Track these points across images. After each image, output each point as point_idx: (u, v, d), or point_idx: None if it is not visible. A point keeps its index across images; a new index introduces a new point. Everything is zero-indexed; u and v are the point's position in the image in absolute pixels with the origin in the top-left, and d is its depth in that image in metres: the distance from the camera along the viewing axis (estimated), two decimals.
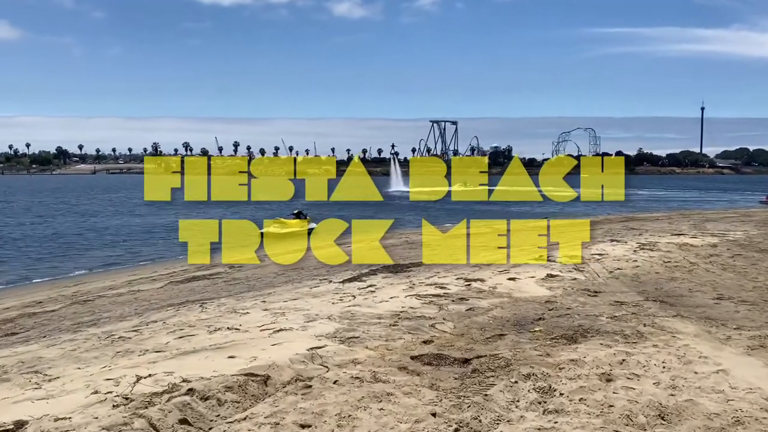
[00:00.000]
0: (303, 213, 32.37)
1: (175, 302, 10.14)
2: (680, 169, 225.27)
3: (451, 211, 47.33)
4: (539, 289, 10.08)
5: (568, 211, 46.30)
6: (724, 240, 16.98)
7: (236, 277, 13.05)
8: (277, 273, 13.32)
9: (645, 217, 32.72)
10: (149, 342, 7.13)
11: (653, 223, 25.83)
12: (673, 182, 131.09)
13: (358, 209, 48.57)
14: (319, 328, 7.41)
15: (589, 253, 14.03)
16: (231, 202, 58.32)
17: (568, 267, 12.10)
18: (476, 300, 9.14)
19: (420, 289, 10.01)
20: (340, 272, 12.71)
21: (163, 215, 42.27)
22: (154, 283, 13.24)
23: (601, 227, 24.21)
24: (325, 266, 14.10)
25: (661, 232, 20.65)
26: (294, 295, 9.82)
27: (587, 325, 7.63)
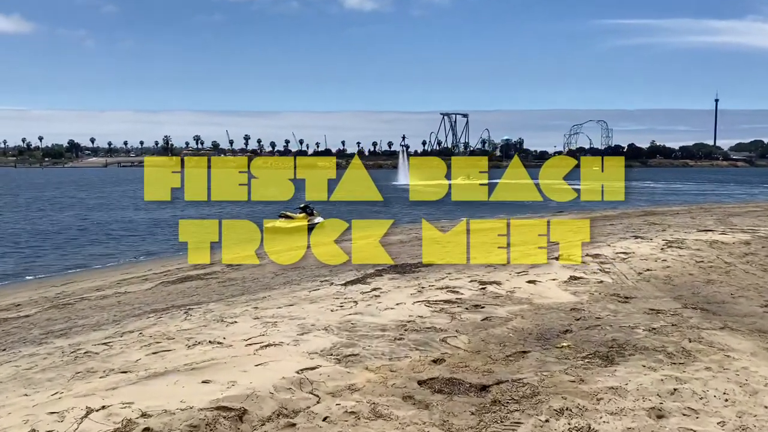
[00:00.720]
0: (310, 207, 31.42)
1: (159, 307, 9.22)
2: (693, 161, 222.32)
3: (461, 205, 46.24)
4: (563, 294, 9.05)
5: (581, 205, 45.08)
6: (756, 237, 15.83)
7: (232, 278, 12.12)
8: (276, 273, 12.37)
9: (664, 210, 31.50)
10: (117, 359, 6.19)
11: (674, 218, 24.64)
12: (688, 175, 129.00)
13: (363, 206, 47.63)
14: (314, 343, 6.44)
15: (612, 252, 12.97)
16: None
17: (592, 268, 11.05)
18: (493, 307, 8.13)
19: (429, 293, 9.02)
20: (344, 272, 11.74)
21: (168, 210, 41.48)
22: (144, 283, 12.34)
23: (620, 222, 23.08)
24: (327, 266, 13.14)
25: (685, 227, 19.50)
26: (290, 300, 8.86)
27: (622, 340, 6.61)
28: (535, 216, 29.19)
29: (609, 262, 11.71)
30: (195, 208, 42.79)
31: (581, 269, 10.89)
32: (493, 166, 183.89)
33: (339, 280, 10.63)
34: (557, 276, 10.23)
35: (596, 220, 25.56)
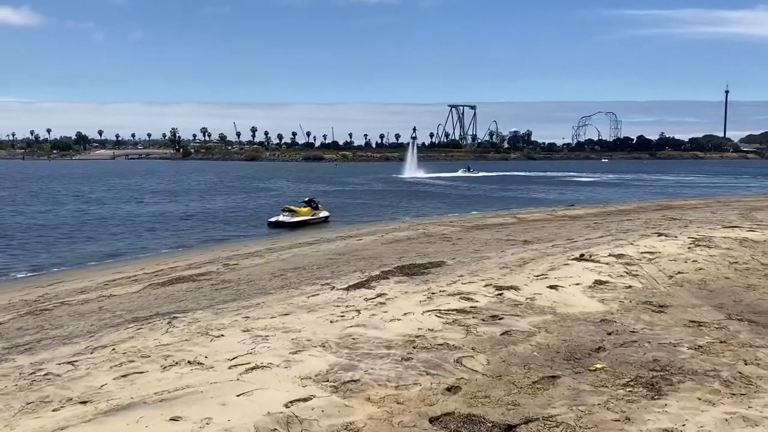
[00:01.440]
0: (314, 200, 30.50)
1: (142, 315, 8.36)
2: (703, 153, 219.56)
3: (470, 198, 45.29)
4: (589, 301, 8.13)
5: (594, 197, 44.07)
6: None
7: (226, 279, 11.25)
8: (274, 274, 11.50)
9: (681, 204, 30.46)
10: (79, 384, 5.33)
11: (694, 213, 23.62)
12: (699, 167, 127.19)
13: (373, 196, 46.75)
14: (308, 365, 5.56)
15: (637, 251, 12.01)
16: (241, 188, 56.90)
17: (618, 270, 10.11)
18: (512, 318, 7.22)
19: (441, 300, 8.11)
20: (347, 274, 10.86)
21: (174, 203, 40.74)
22: (132, 285, 11.49)
23: (638, 217, 22.09)
24: (330, 266, 12.26)
25: (708, 223, 18.50)
26: (285, 308, 7.98)
27: (665, 361, 5.70)
28: (548, 210, 28.22)
29: (635, 263, 10.76)
30: (200, 201, 42.05)
31: (606, 271, 9.96)
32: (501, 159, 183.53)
33: (341, 283, 9.74)
34: (581, 280, 9.30)
35: (611, 215, 24.59)
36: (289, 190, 56.60)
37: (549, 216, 24.34)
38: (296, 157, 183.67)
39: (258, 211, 34.99)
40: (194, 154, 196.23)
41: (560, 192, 52.46)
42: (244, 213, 34.30)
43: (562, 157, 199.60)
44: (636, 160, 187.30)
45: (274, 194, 49.78)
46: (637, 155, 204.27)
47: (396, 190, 56.57)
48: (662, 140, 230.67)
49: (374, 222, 27.15)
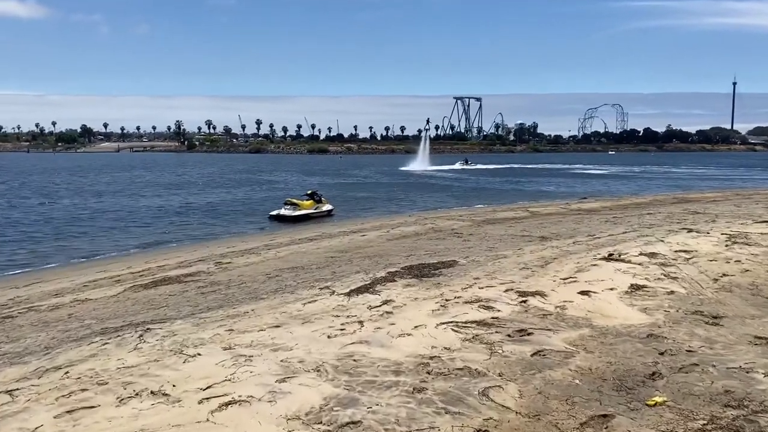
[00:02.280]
0: (318, 193, 29.37)
1: (113, 325, 7.29)
2: (710, 145, 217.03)
3: (477, 191, 44.09)
4: (629, 310, 7.01)
5: (606, 189, 42.82)
6: None
7: (216, 281, 10.17)
8: (269, 275, 10.41)
9: (698, 197, 29.21)
10: (11, 423, 4.26)
11: (716, 206, 22.42)
12: (708, 159, 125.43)
13: (377, 188, 45.60)
14: (298, 398, 4.48)
15: (670, 249, 10.87)
16: (241, 181, 55.84)
17: (654, 272, 8.98)
18: (543, 333, 6.11)
19: (456, 309, 7.01)
20: (349, 275, 9.77)
21: (174, 197, 39.73)
22: (112, 287, 10.42)
23: (658, 210, 20.91)
24: (330, 265, 11.17)
25: (735, 217, 17.32)
26: (277, 318, 6.90)
27: (740, 393, 4.59)
28: (561, 203, 27.03)
29: (671, 263, 9.62)
30: (201, 195, 41.01)
31: (641, 273, 8.82)
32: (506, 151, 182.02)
33: (342, 286, 8.65)
34: (614, 284, 8.17)
35: (628, 208, 23.41)
36: (293, 182, 55.52)
37: (563, 209, 23.18)
38: (301, 150, 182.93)
39: (259, 204, 33.91)
40: (199, 147, 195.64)
41: (570, 184, 51.17)
42: (245, 206, 33.22)
43: (568, 150, 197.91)
44: (643, 152, 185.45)
45: (276, 187, 48.71)
46: (644, 147, 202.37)
47: (401, 182, 55.41)
48: (669, 132, 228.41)
49: (379, 216, 26.04)
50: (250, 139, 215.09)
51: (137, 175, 66.15)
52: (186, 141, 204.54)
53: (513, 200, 33.78)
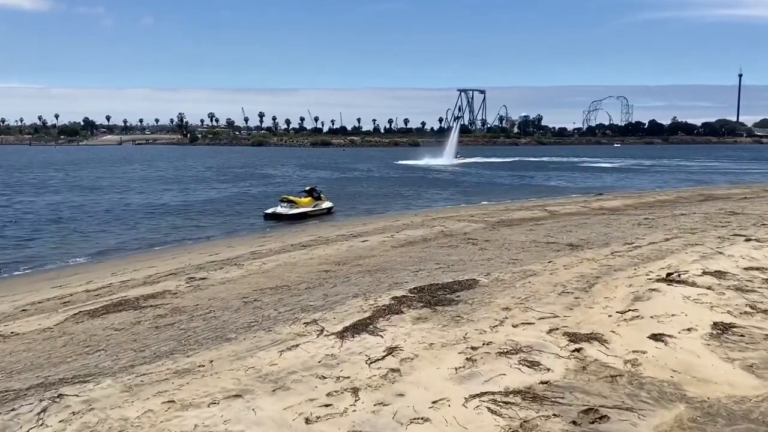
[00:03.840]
0: (316, 190, 27.43)
1: (18, 385, 5.38)
2: (716, 138, 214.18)
3: (484, 187, 42.06)
4: (730, 370, 5.04)
5: (622, 184, 40.77)
6: None
7: (180, 307, 8.23)
8: (246, 298, 8.45)
9: (725, 193, 27.14)
10: None
11: (752, 204, 20.41)
12: (718, 152, 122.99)
13: (381, 184, 43.62)
14: None
15: (737, 266, 8.91)
16: (240, 175, 53.91)
17: (733, 299, 7.01)
18: (622, 416, 4.15)
19: (488, 366, 5.07)
20: (344, 301, 7.83)
21: (169, 193, 37.83)
22: (53, 314, 8.47)
23: (691, 210, 18.89)
24: (323, 283, 9.21)
25: None
26: (239, 380, 4.97)
27: None
28: (579, 200, 24.99)
29: (748, 287, 7.64)
30: (196, 190, 39.11)
31: (719, 304, 6.85)
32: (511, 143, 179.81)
33: (334, 320, 6.72)
34: (692, 321, 6.21)
35: (654, 206, 21.40)
36: (293, 176, 53.62)
37: (583, 208, 21.17)
38: (304, 143, 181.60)
39: (257, 200, 32.00)
40: (201, 140, 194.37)
41: (582, 179, 49.09)
42: (242, 203, 31.31)
43: (572, 142, 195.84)
44: (648, 144, 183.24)
45: (276, 181, 46.81)
46: (649, 140, 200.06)
47: (404, 177, 53.44)
48: (674, 125, 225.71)
49: (382, 215, 24.09)
50: (252, 132, 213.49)
51: (132, 169, 64.28)
52: (188, 134, 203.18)
53: (525, 197, 31.80)
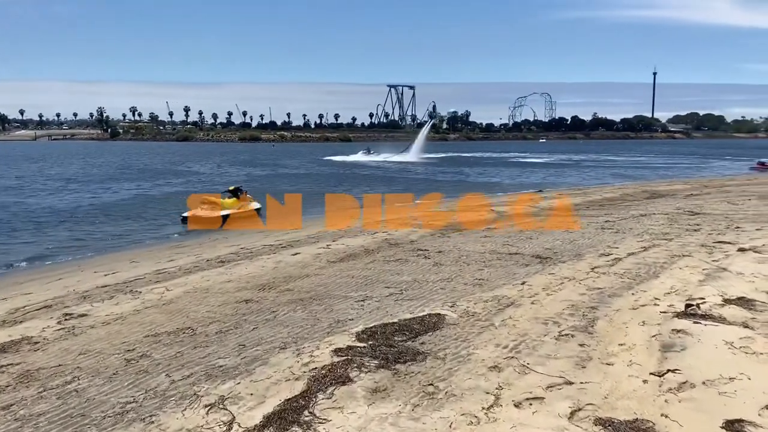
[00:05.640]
0: (242, 189, 24.76)
1: None
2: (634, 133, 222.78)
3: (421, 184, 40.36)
4: None
5: (560, 181, 40.00)
6: None
7: (33, 371, 5.78)
8: (131, 352, 6.12)
9: (668, 189, 26.40)
10: None
11: (706, 202, 19.47)
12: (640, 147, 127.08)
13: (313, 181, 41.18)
14: None
15: (753, 288, 7.32)
16: (161, 173, 50.15)
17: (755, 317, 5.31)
18: None
19: None
20: (268, 357, 5.67)
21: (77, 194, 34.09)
22: None
23: (650, 211, 17.63)
24: (240, 323, 6.97)
25: (754, 221, 14.21)
26: None
27: None
28: (525, 198, 23.48)
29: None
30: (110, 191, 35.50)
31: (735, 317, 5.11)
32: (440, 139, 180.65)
33: (251, 397, 4.57)
34: (760, 385, 4.41)
35: (605, 206, 20.13)
36: (219, 174, 50.35)
37: (533, 208, 19.62)
38: (232, 138, 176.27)
39: (175, 201, 28.90)
40: (123, 135, 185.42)
41: (517, 175, 48.29)
42: (158, 204, 28.21)
43: (500, 138, 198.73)
44: (571, 140, 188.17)
45: (200, 179, 43.55)
46: (572, 135, 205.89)
47: (337, 173, 51.20)
48: (595, 120, 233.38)
49: (315, 217, 21.77)
50: (178, 127, 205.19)
51: (42, 166, 59.00)
52: (109, 129, 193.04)
53: (465, 194, 30.20)
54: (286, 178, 45.37)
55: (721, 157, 77.41)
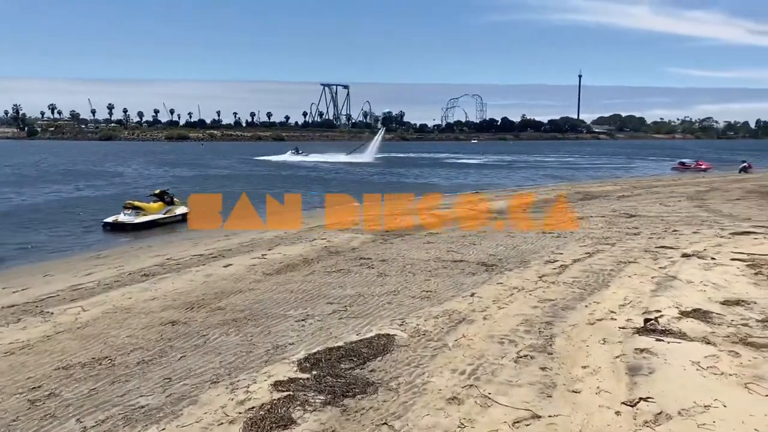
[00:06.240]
0: (168, 193, 23.46)
1: None
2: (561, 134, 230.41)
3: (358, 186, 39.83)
4: None
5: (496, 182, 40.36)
6: None
7: None
8: (37, 391, 5.26)
9: (600, 191, 26.89)
10: None
11: (639, 204, 19.83)
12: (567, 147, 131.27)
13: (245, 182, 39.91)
14: None
15: (706, 298, 7.19)
16: (81, 174, 47.53)
17: (754, 361, 5.08)
18: None
19: None
20: (198, 395, 4.99)
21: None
22: None
23: (586, 212, 17.74)
24: (166, 352, 6.21)
25: (689, 224, 14.45)
26: None
27: None
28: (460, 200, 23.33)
29: (752, 336, 5.80)
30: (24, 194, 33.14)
31: (742, 370, 4.87)
32: None
33: None
34: (737, 414, 4.11)
35: (544, 209, 20.20)
36: (145, 175, 48.19)
37: (471, 211, 19.43)
38: (158, 137, 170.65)
39: (97, 205, 27.21)
40: (42, 134, 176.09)
41: (452, 176, 48.50)
42: (77, 209, 26.41)
43: (433, 138, 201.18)
44: (502, 140, 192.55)
45: (124, 181, 41.47)
46: (502, 136, 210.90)
47: (271, 174, 50.00)
48: (524, 122, 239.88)
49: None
50: (101, 125, 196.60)
51: None
52: (26, 127, 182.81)
53: (337, 202, 29.65)
54: (218, 179, 43.87)
55: (645, 158, 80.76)
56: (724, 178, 34.12)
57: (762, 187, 25.80)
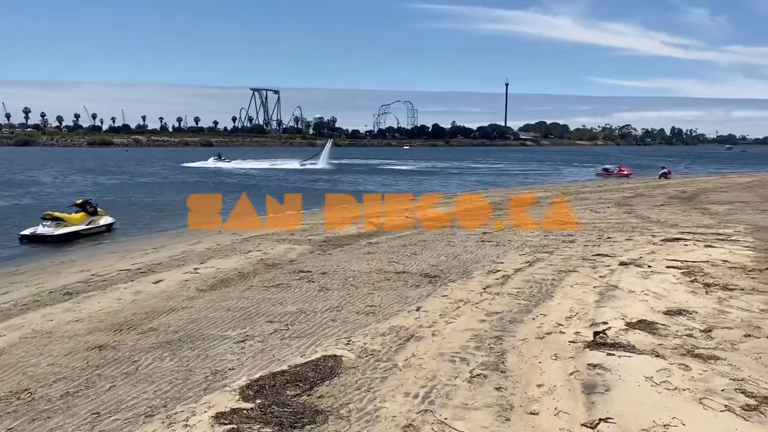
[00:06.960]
0: (91, 203, 22.27)
1: None
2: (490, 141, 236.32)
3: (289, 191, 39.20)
4: None
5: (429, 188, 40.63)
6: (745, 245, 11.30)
7: None
8: None
9: (532, 197, 27.44)
10: None
11: (574, 211, 20.29)
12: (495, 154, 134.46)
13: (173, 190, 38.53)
14: None
15: (648, 308, 7.28)
16: None
17: (705, 374, 5.12)
18: None
19: None
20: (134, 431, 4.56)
21: None
22: None
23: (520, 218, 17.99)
24: (93, 383, 5.70)
25: (621, 231, 14.85)
26: None
27: None
28: (399, 209, 23.25)
29: (699, 347, 5.88)
30: None
31: (694, 384, 4.88)
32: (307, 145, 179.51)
33: None
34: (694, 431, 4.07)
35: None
36: (65, 183, 45.84)
37: (407, 218, 19.36)
38: (80, 142, 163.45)
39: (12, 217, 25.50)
40: None
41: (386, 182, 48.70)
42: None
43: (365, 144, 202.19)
44: (433, 147, 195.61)
45: (43, 191, 39.22)
46: (433, 142, 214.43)
47: (198, 181, 48.63)
48: (454, 128, 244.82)
49: (178, 232, 20.04)
50: (16, 130, 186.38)
51: None
52: None
53: (336, 203, 29.52)
54: (143, 187, 42.19)
55: (570, 164, 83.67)
56: (646, 184, 35.60)
57: (682, 193, 27.04)
